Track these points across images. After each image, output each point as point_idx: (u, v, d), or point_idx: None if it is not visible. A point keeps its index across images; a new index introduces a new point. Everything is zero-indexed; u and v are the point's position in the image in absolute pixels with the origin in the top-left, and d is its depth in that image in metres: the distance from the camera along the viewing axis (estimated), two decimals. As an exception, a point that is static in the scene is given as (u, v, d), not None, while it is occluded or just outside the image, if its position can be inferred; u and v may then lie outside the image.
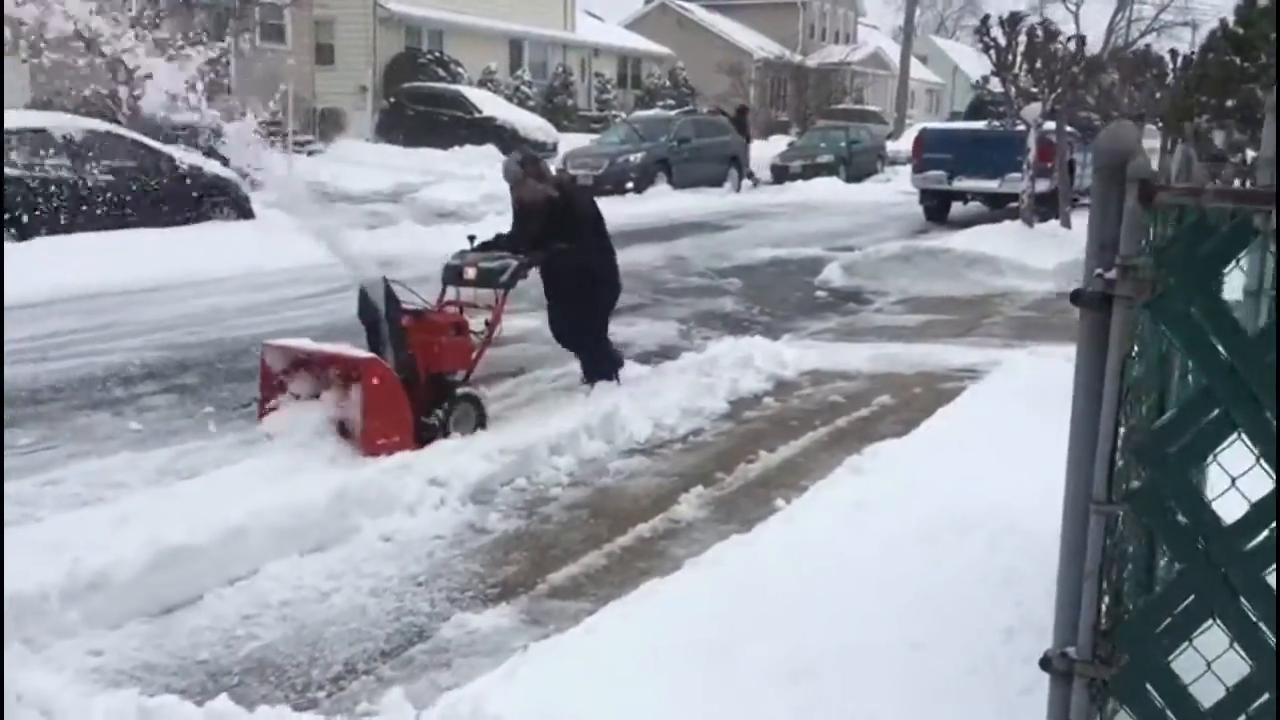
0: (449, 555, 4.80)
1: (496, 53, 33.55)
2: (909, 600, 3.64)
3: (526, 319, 8.38)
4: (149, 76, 5.48)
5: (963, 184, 18.38)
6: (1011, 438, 5.28)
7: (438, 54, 31.36)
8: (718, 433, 6.70)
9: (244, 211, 14.62)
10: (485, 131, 26.14)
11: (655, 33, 45.02)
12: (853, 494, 4.85)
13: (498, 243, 6.85)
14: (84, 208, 12.99)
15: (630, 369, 7.59)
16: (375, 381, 5.60)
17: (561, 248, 6.60)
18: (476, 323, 6.44)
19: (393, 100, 29.30)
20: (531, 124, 28.34)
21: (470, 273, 6.44)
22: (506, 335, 7.36)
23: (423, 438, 5.79)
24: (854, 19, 57.96)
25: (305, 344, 6.10)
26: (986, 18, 14.95)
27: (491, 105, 28.48)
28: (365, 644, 4.00)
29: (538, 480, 5.70)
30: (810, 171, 26.10)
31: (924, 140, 19.16)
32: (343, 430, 5.68)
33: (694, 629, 3.50)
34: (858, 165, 27.71)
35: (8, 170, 12.47)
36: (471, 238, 6.85)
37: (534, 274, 6.86)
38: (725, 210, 20.41)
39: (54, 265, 11.08)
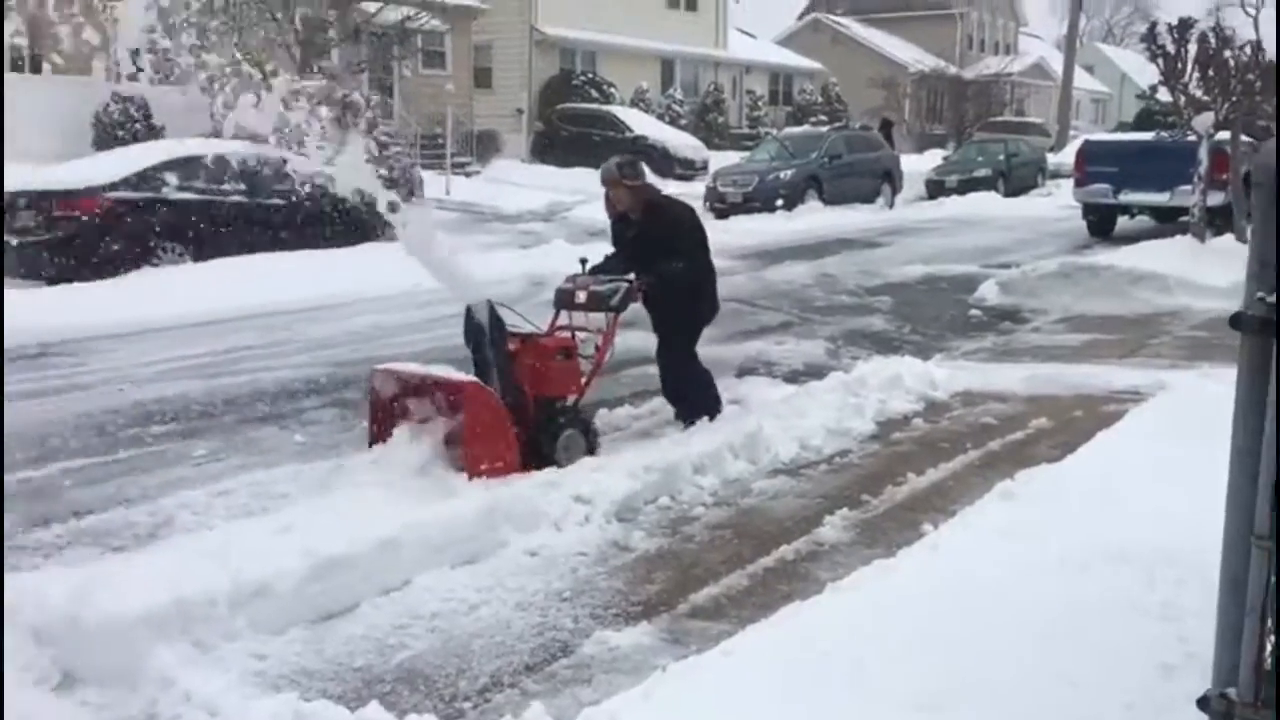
0: (592, 572, 4.87)
1: (648, 72, 33.97)
2: (1056, 631, 3.52)
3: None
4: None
5: (1129, 197, 17.69)
6: (1176, 464, 5.04)
7: (591, 75, 31.97)
8: (864, 454, 6.61)
9: (404, 233, 15.16)
10: (636, 151, 26.45)
11: (808, 48, 44.86)
12: (1002, 520, 4.72)
13: (608, 265, 6.74)
14: (257, 230, 13.73)
15: (776, 388, 7.54)
16: (477, 406, 5.58)
17: (675, 267, 6.40)
18: (587, 347, 6.39)
19: (547, 121, 30.00)
20: (682, 142, 28.63)
21: (581, 296, 6.42)
22: (650, 355, 7.42)
23: (529, 463, 5.74)
24: (1014, 29, 56.56)
25: (412, 368, 6.07)
26: (1154, 24, 14.40)
27: (643, 124, 28.89)
28: (510, 657, 4.10)
29: (681, 499, 5.72)
30: (966, 186, 25.52)
31: (1087, 153, 18.52)
32: (450, 454, 5.64)
33: (831, 654, 3.47)
34: (1017, 179, 26.92)
35: (191, 196, 13.31)
36: (583, 260, 6.77)
37: None
38: (877, 226, 20.13)
39: (230, 285, 11.76)
